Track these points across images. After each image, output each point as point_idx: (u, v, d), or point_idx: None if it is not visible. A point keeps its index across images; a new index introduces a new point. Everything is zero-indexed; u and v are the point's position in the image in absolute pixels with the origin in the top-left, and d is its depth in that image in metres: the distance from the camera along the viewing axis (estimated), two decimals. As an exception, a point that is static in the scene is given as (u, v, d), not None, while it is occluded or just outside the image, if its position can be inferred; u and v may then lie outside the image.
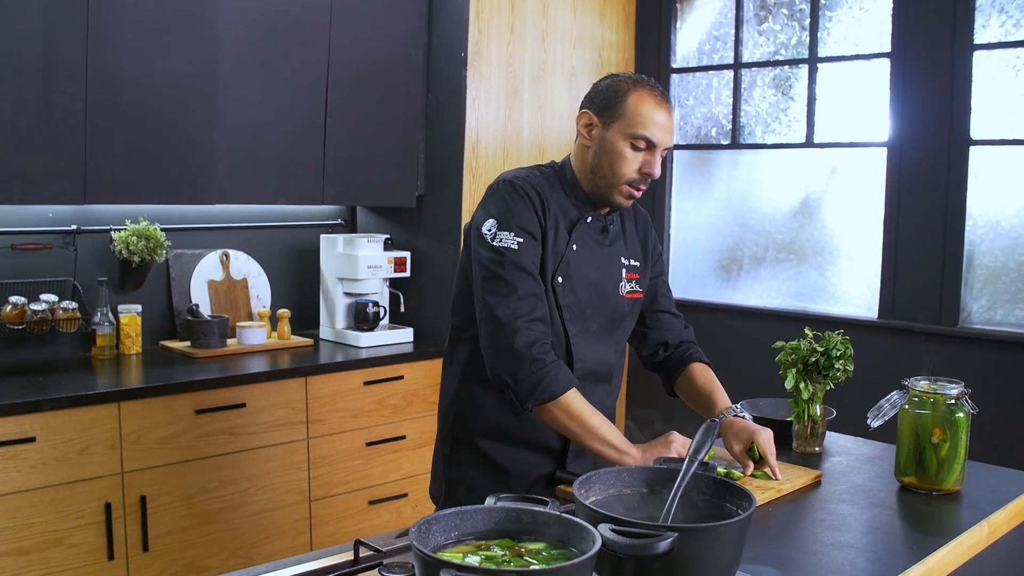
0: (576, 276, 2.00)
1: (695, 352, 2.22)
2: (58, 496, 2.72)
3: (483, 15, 3.74)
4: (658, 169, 1.96)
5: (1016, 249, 3.42)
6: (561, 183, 2.04)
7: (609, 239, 2.08)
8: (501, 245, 1.90)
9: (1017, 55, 3.39)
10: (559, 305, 1.98)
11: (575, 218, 2.02)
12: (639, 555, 1.22)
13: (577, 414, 1.88)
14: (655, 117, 1.93)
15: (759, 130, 4.18)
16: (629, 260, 2.12)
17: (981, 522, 1.72)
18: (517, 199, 1.94)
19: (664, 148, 1.96)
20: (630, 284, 2.11)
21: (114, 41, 3.02)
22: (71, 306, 3.18)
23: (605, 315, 2.06)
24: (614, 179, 1.96)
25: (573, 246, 2.00)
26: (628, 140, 1.94)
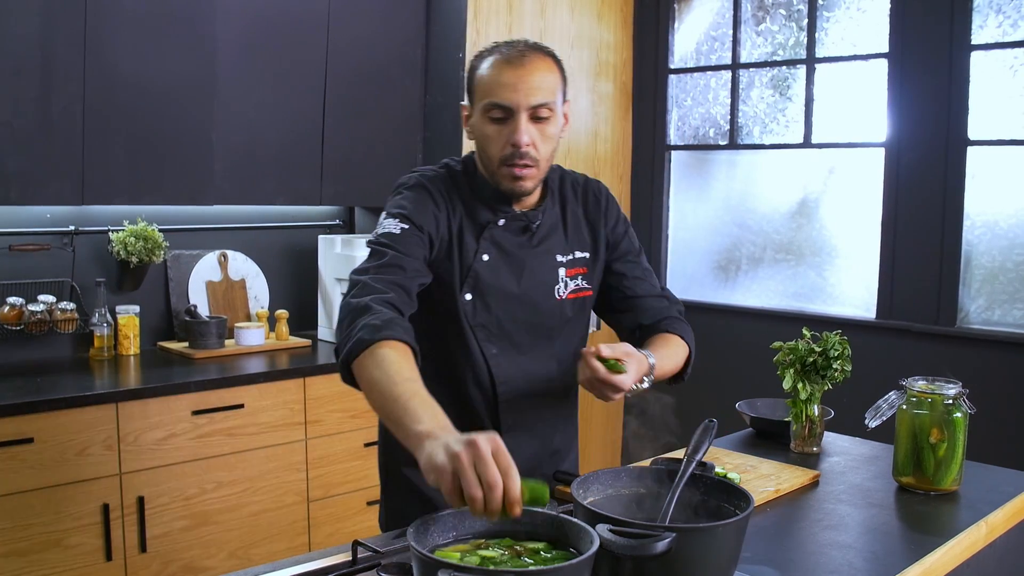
0: (490, 290, 1.78)
1: (668, 324, 1.91)
2: (56, 497, 2.72)
3: (481, 16, 3.74)
4: (523, 135, 1.68)
5: (1014, 249, 3.43)
6: (470, 182, 1.82)
7: (536, 238, 1.83)
8: (382, 231, 1.72)
9: (1014, 55, 3.39)
10: (471, 325, 1.78)
11: (485, 222, 1.79)
12: (637, 555, 1.22)
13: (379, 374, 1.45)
14: (501, 78, 1.69)
15: (757, 130, 4.18)
16: (571, 254, 1.87)
17: (979, 522, 1.72)
18: (413, 198, 1.76)
19: (529, 108, 1.68)
20: (574, 282, 1.87)
21: (112, 42, 3.02)
22: (69, 307, 3.18)
23: (536, 326, 1.84)
24: (490, 164, 1.74)
25: (483, 256, 1.78)
26: (485, 116, 1.71)
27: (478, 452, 1.18)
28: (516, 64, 1.69)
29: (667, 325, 1.90)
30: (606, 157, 4.40)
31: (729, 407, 2.45)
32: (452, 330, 1.80)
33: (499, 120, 1.71)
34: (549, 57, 1.75)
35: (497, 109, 1.70)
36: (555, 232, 1.86)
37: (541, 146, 1.72)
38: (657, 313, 1.92)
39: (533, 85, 1.68)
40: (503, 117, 1.70)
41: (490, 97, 1.70)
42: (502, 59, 1.71)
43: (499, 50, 1.73)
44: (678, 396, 4.31)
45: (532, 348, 1.84)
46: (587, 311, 1.95)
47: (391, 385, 1.42)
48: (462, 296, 1.77)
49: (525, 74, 1.68)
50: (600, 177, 4.35)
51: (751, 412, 2.35)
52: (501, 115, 1.70)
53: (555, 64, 1.76)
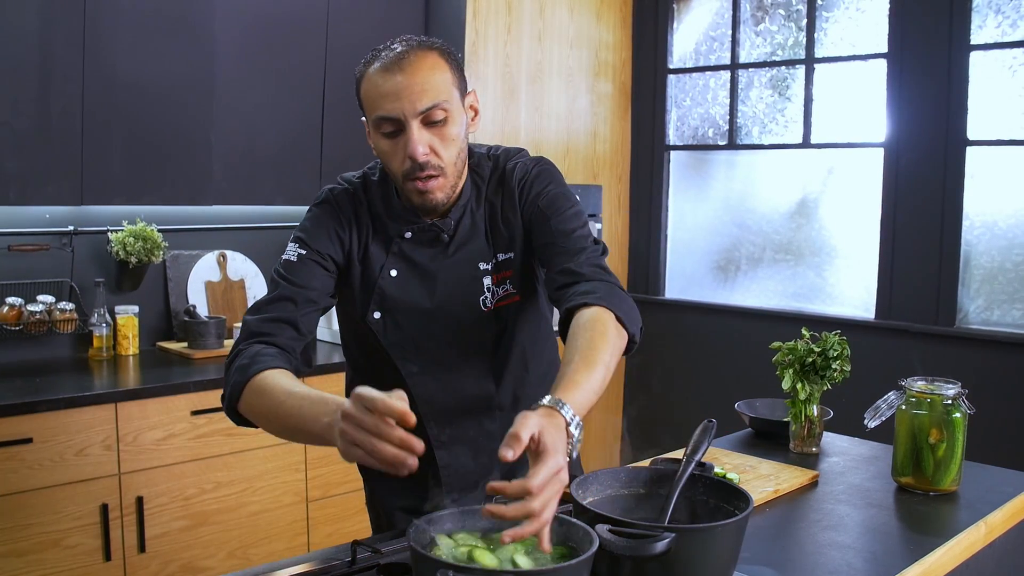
0: (399, 307, 1.67)
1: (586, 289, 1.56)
2: (55, 497, 2.72)
3: (480, 16, 3.74)
4: (418, 145, 1.54)
5: (1013, 249, 3.43)
6: (383, 192, 1.71)
7: (453, 247, 1.69)
8: (285, 257, 1.67)
9: (1013, 55, 3.40)
10: (382, 344, 1.68)
11: (393, 234, 1.68)
12: (637, 555, 1.22)
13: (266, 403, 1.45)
14: (382, 88, 1.53)
15: (756, 131, 4.18)
16: (496, 257, 1.71)
17: (978, 522, 1.72)
18: (318, 219, 1.68)
19: (418, 114, 1.53)
20: (502, 288, 1.71)
21: (111, 42, 3.02)
22: (68, 307, 3.17)
23: (463, 342, 1.69)
24: (395, 180, 1.63)
25: (391, 272, 1.67)
26: (378, 132, 1.59)
27: (352, 416, 1.21)
28: (395, 69, 1.53)
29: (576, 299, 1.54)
30: (605, 157, 4.40)
31: (728, 407, 2.45)
32: (369, 350, 1.73)
33: (392, 134, 1.57)
34: (434, 51, 1.57)
35: (386, 123, 1.56)
36: (475, 238, 1.70)
37: (443, 152, 1.58)
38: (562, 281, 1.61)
39: (417, 89, 1.53)
40: (395, 130, 1.57)
41: (376, 111, 1.56)
42: (381, 66, 1.55)
43: (378, 56, 1.57)
44: (678, 396, 4.31)
45: (462, 365, 1.70)
46: (530, 315, 1.77)
47: (278, 407, 1.43)
48: (371, 315, 1.67)
49: (407, 78, 1.52)
50: (599, 177, 4.37)
51: (750, 412, 2.35)
52: (392, 128, 1.56)
53: (441, 58, 1.58)
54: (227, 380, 1.55)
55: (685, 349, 4.30)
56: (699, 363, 4.24)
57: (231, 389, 1.52)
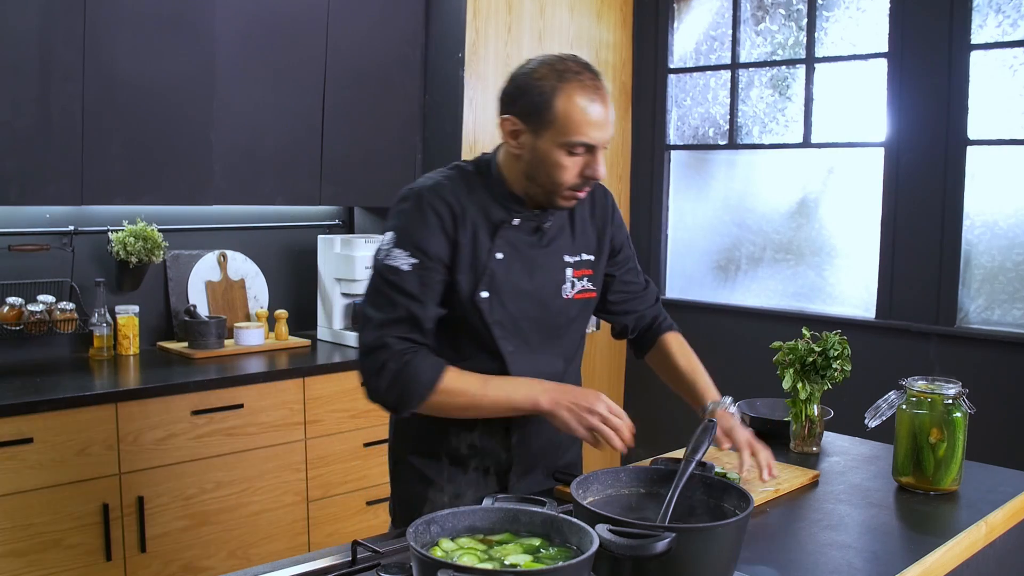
0: (505, 288, 1.82)
1: (663, 322, 2.11)
2: (55, 497, 2.72)
3: (480, 15, 3.74)
4: (601, 170, 1.75)
5: (1013, 249, 3.43)
6: (484, 183, 1.83)
7: (547, 239, 1.87)
8: (392, 263, 1.75)
9: (1014, 55, 3.39)
10: (487, 323, 1.81)
11: (499, 221, 1.81)
12: (637, 555, 1.22)
13: (464, 400, 1.74)
14: (589, 116, 1.69)
15: (756, 130, 4.18)
16: (578, 255, 1.92)
17: (979, 522, 1.72)
18: (420, 215, 1.77)
19: (606, 144, 1.75)
20: (580, 283, 1.92)
21: (111, 42, 3.02)
22: (68, 307, 3.17)
23: (546, 324, 1.89)
24: (554, 187, 1.76)
25: (497, 255, 1.81)
26: (564, 149, 1.71)
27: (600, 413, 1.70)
28: (599, 100, 1.71)
29: (665, 324, 2.11)
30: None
31: (729, 407, 2.45)
32: (469, 329, 1.83)
33: (576, 153, 1.72)
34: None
35: (581, 146, 1.71)
36: (563, 233, 1.90)
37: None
38: (649, 315, 2.11)
39: (611, 120, 1.74)
40: (582, 151, 1.72)
41: (578, 136, 1.69)
42: (585, 95, 1.69)
43: (577, 77, 1.71)
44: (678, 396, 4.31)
45: (542, 346, 1.89)
46: (589, 312, 2.00)
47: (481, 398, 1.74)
48: (479, 294, 1.80)
49: (608, 112, 1.72)
50: (600, 177, 4.36)
51: (751, 412, 2.35)
52: (582, 150, 1.72)
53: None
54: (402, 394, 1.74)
55: (685, 349, 4.29)
56: (699, 363, 4.24)
57: (411, 401, 1.74)
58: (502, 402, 1.74)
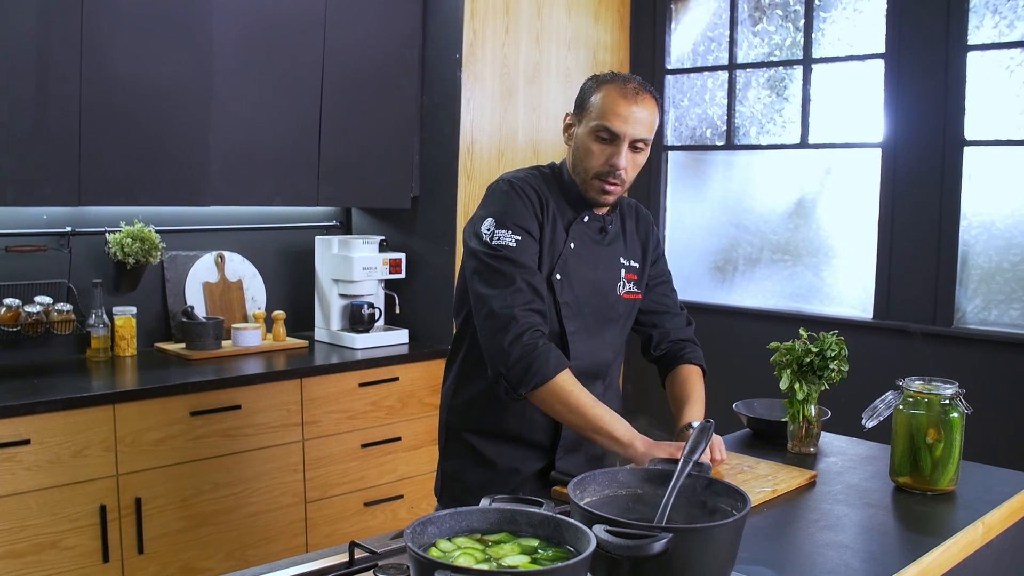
0: (574, 274, 2.02)
1: (689, 353, 2.24)
2: (53, 498, 2.72)
3: (478, 16, 3.74)
4: (623, 160, 1.95)
5: (1010, 249, 3.43)
6: (559, 184, 2.07)
7: (608, 239, 2.10)
8: (499, 243, 1.93)
9: (1011, 56, 3.40)
10: (557, 302, 2.00)
11: (572, 217, 2.05)
12: (634, 556, 1.22)
13: (573, 400, 1.86)
14: (618, 108, 1.93)
15: (754, 131, 4.18)
16: (629, 261, 2.14)
17: (976, 522, 1.72)
18: (515, 198, 1.98)
19: (632, 139, 1.95)
20: (629, 284, 2.13)
21: (108, 43, 3.02)
22: (66, 308, 3.17)
23: (603, 314, 2.08)
24: (584, 174, 1.99)
25: (571, 244, 2.03)
26: (593, 133, 1.95)
27: None
28: (631, 99, 1.93)
29: (688, 355, 2.24)
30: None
31: (726, 407, 2.46)
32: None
33: (604, 140, 1.94)
34: (655, 100, 1.98)
35: (606, 131, 1.93)
36: (619, 239, 2.14)
37: (631, 171, 1.99)
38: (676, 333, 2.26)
39: (640, 120, 1.94)
40: (608, 139, 1.94)
41: (603, 120, 1.93)
42: (619, 92, 1.94)
43: (617, 81, 1.96)
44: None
45: (598, 331, 2.08)
46: (634, 314, 2.19)
47: (585, 411, 1.85)
48: (554, 276, 2.00)
49: (637, 110, 1.93)
50: (597, 178, 4.37)
51: (748, 412, 2.35)
52: (607, 137, 1.94)
53: (657, 106, 1.99)
54: (523, 361, 1.84)
55: (683, 349, 4.30)
56: (697, 363, 4.24)
57: (533, 379, 1.84)
58: (603, 426, 1.85)
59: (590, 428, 1.86)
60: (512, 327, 1.86)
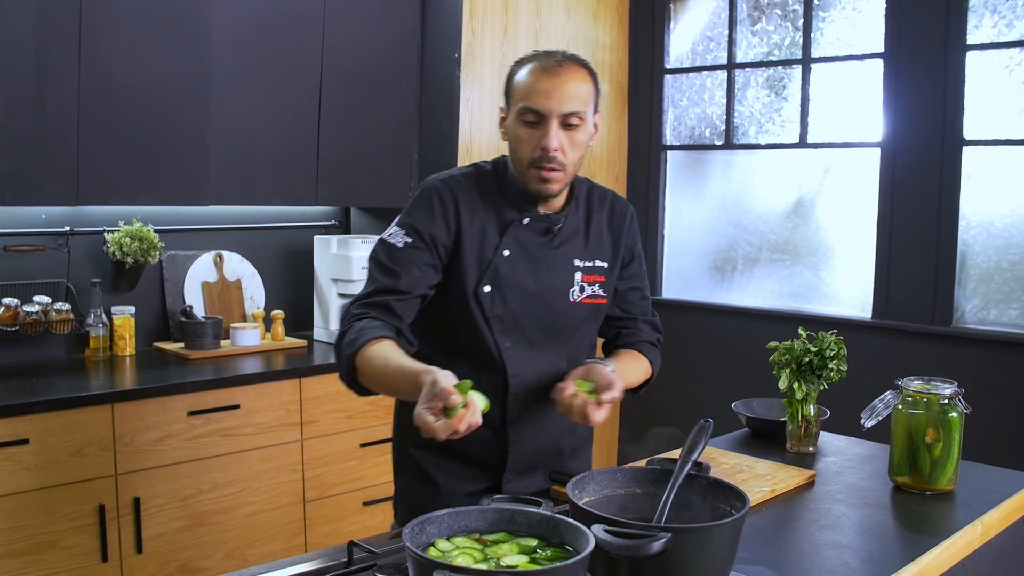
0: (508, 284, 1.85)
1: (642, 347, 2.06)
2: (51, 498, 2.72)
3: (476, 16, 3.74)
4: (553, 140, 1.77)
5: (1009, 249, 3.43)
6: (498, 183, 1.90)
7: (557, 240, 1.90)
8: (388, 240, 1.83)
9: (1010, 55, 3.40)
10: (487, 317, 1.85)
11: (509, 220, 1.87)
12: (633, 555, 1.22)
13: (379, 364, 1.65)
14: (539, 84, 1.77)
15: (753, 130, 4.18)
16: (590, 261, 1.94)
17: (975, 521, 1.72)
18: (425, 203, 1.84)
19: (561, 116, 1.77)
20: (590, 288, 1.94)
21: (107, 42, 3.02)
22: (64, 308, 3.17)
23: (549, 325, 1.90)
24: (520, 165, 1.83)
25: (504, 251, 1.85)
26: (519, 118, 1.80)
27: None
28: (552, 73, 1.78)
29: (641, 348, 2.04)
30: (602, 157, 4.41)
31: (725, 407, 2.46)
32: (467, 323, 1.86)
33: (531, 124, 1.79)
34: (584, 69, 1.83)
35: (530, 113, 1.78)
36: (575, 237, 1.93)
37: (569, 152, 1.81)
38: (637, 336, 2.07)
39: (566, 94, 1.77)
40: (535, 121, 1.78)
41: (525, 102, 1.78)
42: (540, 67, 1.79)
43: (538, 58, 1.82)
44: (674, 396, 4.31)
45: (544, 345, 1.90)
46: (599, 318, 2.01)
47: (381, 378, 1.66)
48: (481, 288, 1.84)
49: (560, 83, 1.77)
50: (596, 177, 4.37)
51: (747, 412, 2.35)
52: (534, 119, 1.78)
53: (589, 75, 1.83)
54: (340, 359, 1.73)
55: (682, 349, 4.30)
56: (696, 363, 4.24)
57: (346, 365, 1.71)
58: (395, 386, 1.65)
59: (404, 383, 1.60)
60: (342, 325, 1.77)
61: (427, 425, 1.44)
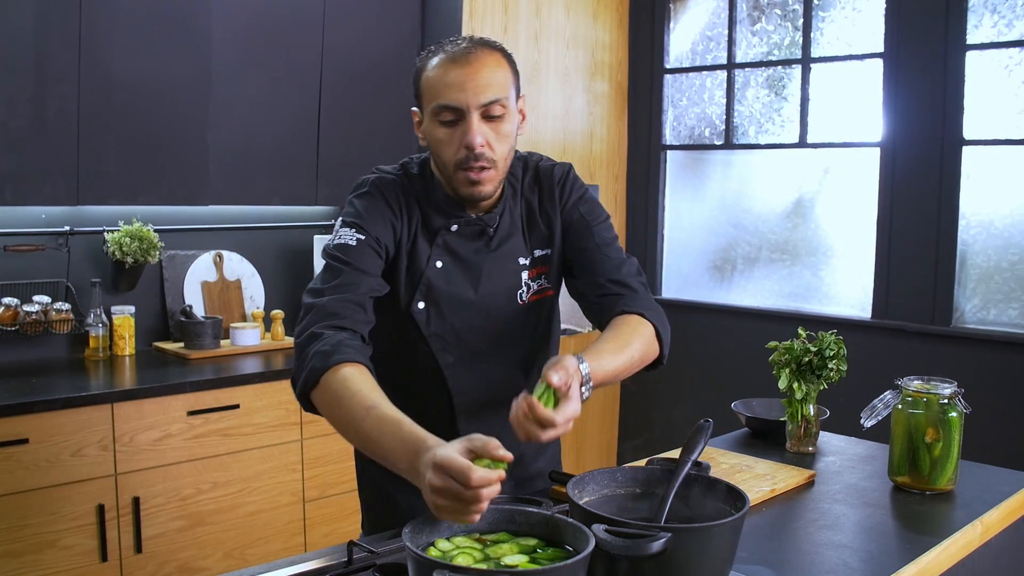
0: (445, 299, 1.70)
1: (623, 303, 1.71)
2: (51, 498, 2.72)
3: (476, 16, 3.74)
4: (476, 136, 1.59)
5: (1009, 249, 3.43)
6: (425, 188, 1.74)
7: (495, 242, 1.74)
8: (339, 241, 1.64)
9: (1009, 55, 3.40)
10: (424, 335, 1.70)
11: (438, 228, 1.71)
12: (633, 555, 1.22)
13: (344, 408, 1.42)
14: (447, 78, 1.60)
15: (752, 130, 4.18)
16: (531, 254, 1.77)
17: (974, 521, 1.72)
18: (368, 202, 1.69)
19: (480, 107, 1.59)
20: (536, 283, 1.77)
21: (107, 42, 3.02)
22: (64, 307, 3.17)
23: (498, 334, 1.74)
24: (445, 168, 1.66)
25: (436, 263, 1.70)
26: (435, 118, 1.63)
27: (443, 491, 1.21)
28: (462, 62, 1.60)
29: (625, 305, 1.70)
30: (601, 157, 4.40)
31: (725, 407, 2.46)
32: (406, 340, 1.73)
33: (450, 123, 1.62)
34: (497, 52, 1.65)
35: (447, 111, 1.61)
36: (514, 234, 1.76)
37: (497, 146, 1.64)
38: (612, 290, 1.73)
39: (482, 83, 1.59)
40: (454, 119, 1.61)
41: (438, 99, 1.61)
42: (448, 58, 1.62)
43: (444, 48, 1.65)
44: (674, 396, 4.32)
45: (494, 357, 1.75)
46: (553, 312, 1.85)
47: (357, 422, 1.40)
48: (415, 305, 1.70)
49: (472, 72, 1.59)
50: (596, 177, 4.37)
51: (747, 412, 2.35)
52: (452, 117, 1.61)
53: (504, 59, 1.66)
54: (303, 363, 1.50)
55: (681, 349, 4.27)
56: (695, 363, 4.24)
57: (308, 374, 1.48)
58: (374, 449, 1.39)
59: (371, 451, 1.40)
60: (305, 321, 1.55)
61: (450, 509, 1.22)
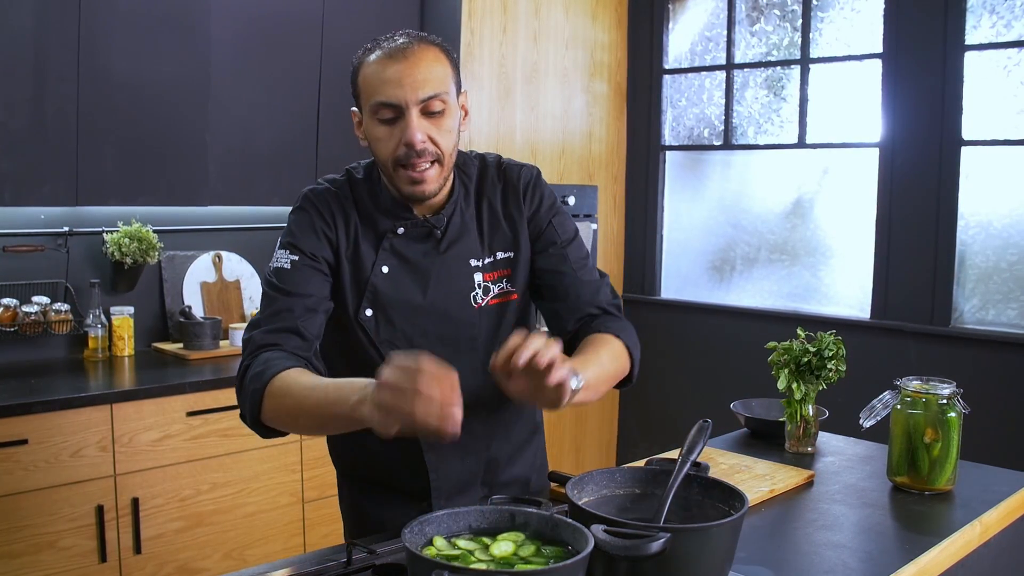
0: (392, 304, 1.66)
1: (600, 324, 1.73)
2: (50, 499, 2.72)
3: (475, 16, 3.74)
4: (416, 132, 1.55)
5: (1008, 249, 3.43)
6: (370, 191, 1.71)
7: (445, 243, 1.69)
8: (274, 265, 1.64)
9: (1008, 56, 3.40)
10: (374, 342, 1.66)
11: (384, 231, 1.67)
12: (632, 556, 1.22)
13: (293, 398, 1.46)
14: (384, 75, 1.55)
15: (751, 131, 4.19)
16: (490, 256, 1.73)
17: (973, 521, 1.72)
18: (302, 218, 1.66)
19: (420, 103, 1.56)
20: (496, 286, 1.72)
21: (106, 42, 3.02)
22: (63, 308, 3.17)
23: (452, 338, 1.68)
24: (386, 168, 1.62)
25: (383, 268, 1.66)
26: (374, 117, 1.59)
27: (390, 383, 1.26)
28: (399, 57, 1.55)
29: (599, 326, 1.71)
30: (600, 158, 4.41)
31: (724, 407, 2.46)
32: (360, 350, 1.69)
33: (389, 121, 1.58)
34: (435, 47, 1.61)
35: (385, 108, 1.57)
36: (466, 235, 1.71)
37: (442, 141, 1.59)
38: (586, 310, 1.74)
39: (420, 78, 1.55)
40: (393, 117, 1.57)
41: (376, 97, 1.57)
42: (384, 55, 1.57)
43: (380, 45, 1.59)
44: (673, 396, 4.32)
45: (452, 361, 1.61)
46: (517, 315, 1.77)
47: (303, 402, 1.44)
48: (363, 312, 1.66)
49: (410, 67, 1.55)
50: (595, 178, 4.37)
51: (746, 412, 2.35)
52: (391, 115, 1.57)
53: (443, 53, 1.62)
54: (244, 394, 1.53)
55: (681, 349, 4.30)
56: (694, 363, 4.25)
57: (251, 400, 1.50)
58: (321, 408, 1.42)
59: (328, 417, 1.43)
60: (243, 352, 1.57)
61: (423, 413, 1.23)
